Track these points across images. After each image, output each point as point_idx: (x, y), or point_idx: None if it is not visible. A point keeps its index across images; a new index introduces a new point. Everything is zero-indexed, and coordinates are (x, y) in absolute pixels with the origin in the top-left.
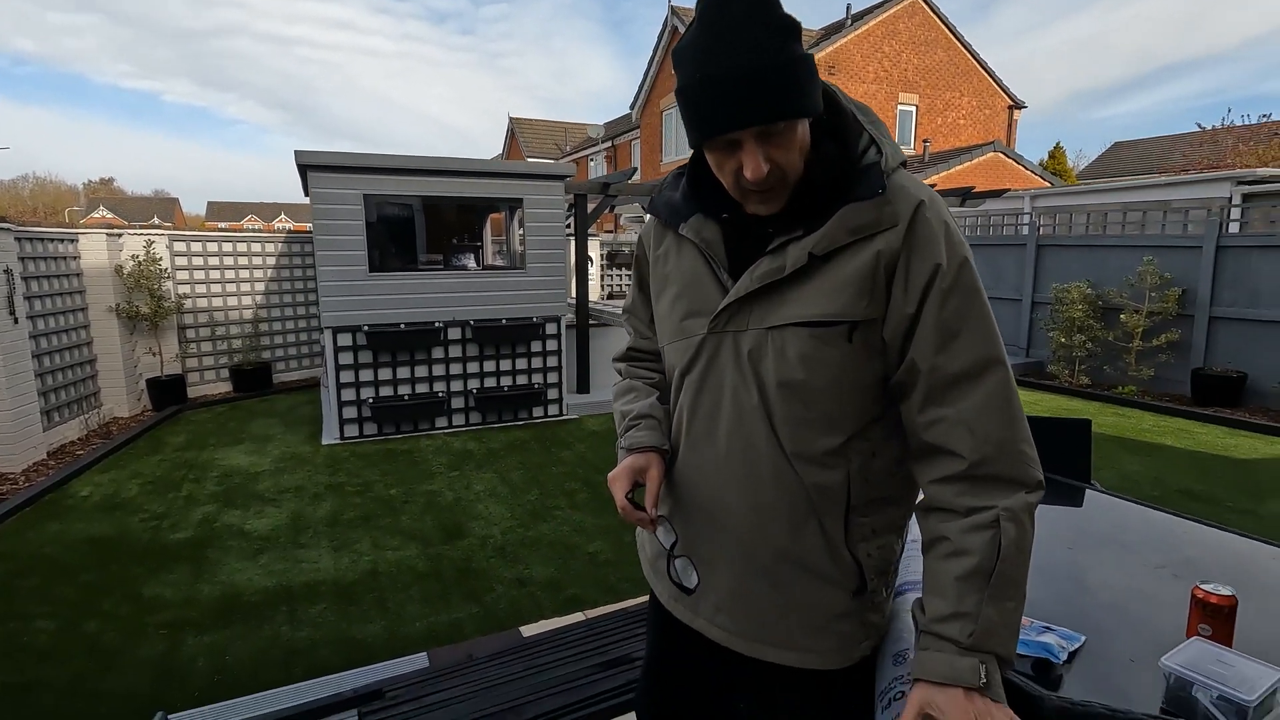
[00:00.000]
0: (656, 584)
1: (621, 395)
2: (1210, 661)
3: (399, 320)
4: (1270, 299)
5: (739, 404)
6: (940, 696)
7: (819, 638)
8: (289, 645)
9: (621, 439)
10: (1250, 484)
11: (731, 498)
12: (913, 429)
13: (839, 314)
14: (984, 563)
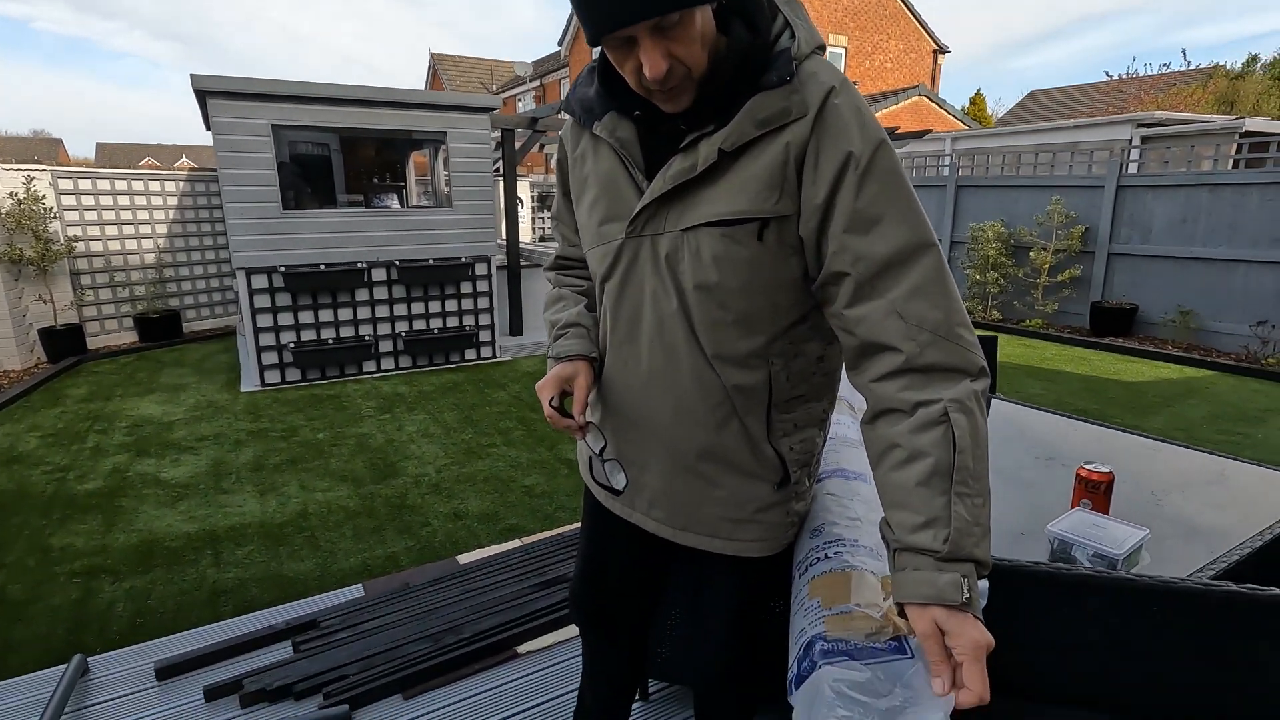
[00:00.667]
0: (593, 485)
1: (551, 305)
2: (1088, 526)
3: (318, 261)
4: (1160, 235)
5: (659, 309)
6: (939, 617)
7: (745, 528)
8: (216, 586)
9: (550, 348)
10: (1137, 403)
11: (655, 401)
12: (845, 329)
13: (748, 211)
14: (941, 461)
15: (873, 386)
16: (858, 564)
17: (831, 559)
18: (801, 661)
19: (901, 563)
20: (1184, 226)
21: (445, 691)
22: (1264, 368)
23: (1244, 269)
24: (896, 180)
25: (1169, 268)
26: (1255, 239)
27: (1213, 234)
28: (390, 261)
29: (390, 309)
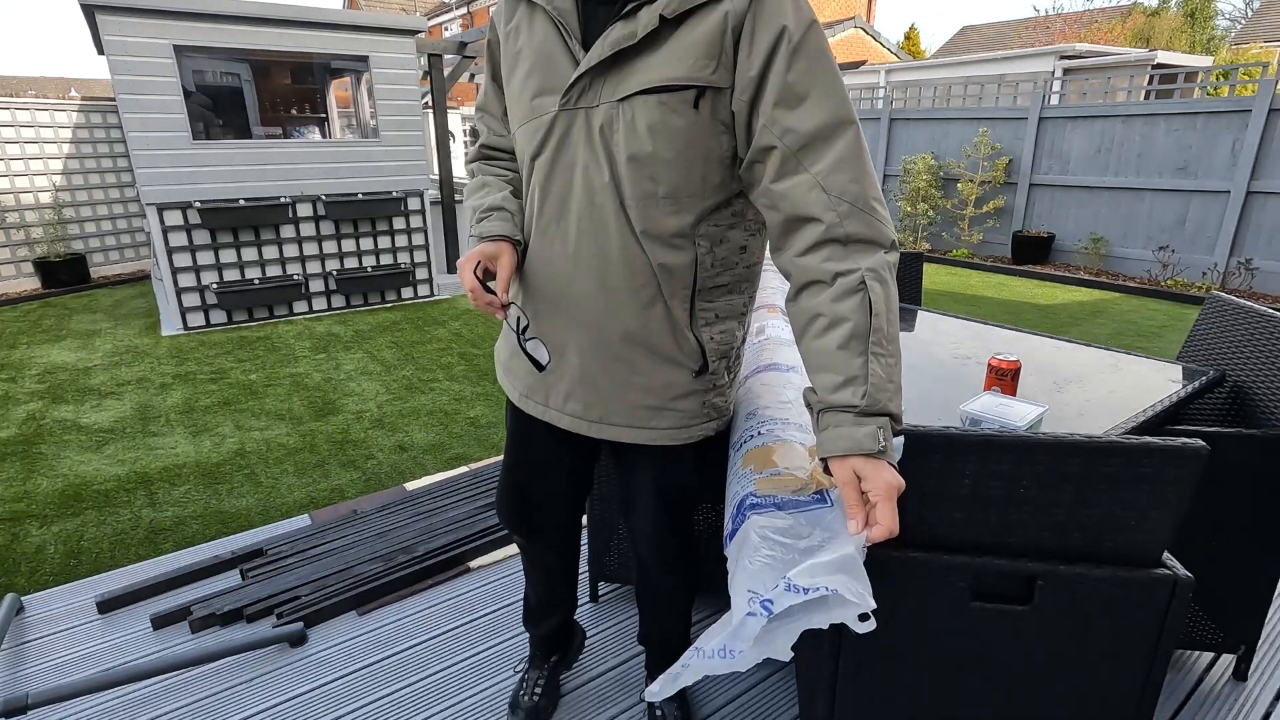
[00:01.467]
0: (508, 381)
1: (474, 192)
2: (996, 406)
3: (236, 196)
4: (1077, 166)
5: (590, 183)
6: (858, 465)
7: (662, 416)
8: (153, 525)
9: (473, 229)
10: (1049, 323)
11: (581, 281)
12: (771, 205)
13: (685, 78)
14: (859, 325)
15: (797, 261)
16: (787, 437)
17: (764, 434)
18: (734, 519)
19: (825, 422)
20: (1098, 157)
21: (399, 606)
22: (1163, 289)
23: (1150, 197)
24: (824, 59)
25: (1084, 197)
26: (1161, 168)
27: (1124, 164)
28: (316, 196)
29: (319, 246)
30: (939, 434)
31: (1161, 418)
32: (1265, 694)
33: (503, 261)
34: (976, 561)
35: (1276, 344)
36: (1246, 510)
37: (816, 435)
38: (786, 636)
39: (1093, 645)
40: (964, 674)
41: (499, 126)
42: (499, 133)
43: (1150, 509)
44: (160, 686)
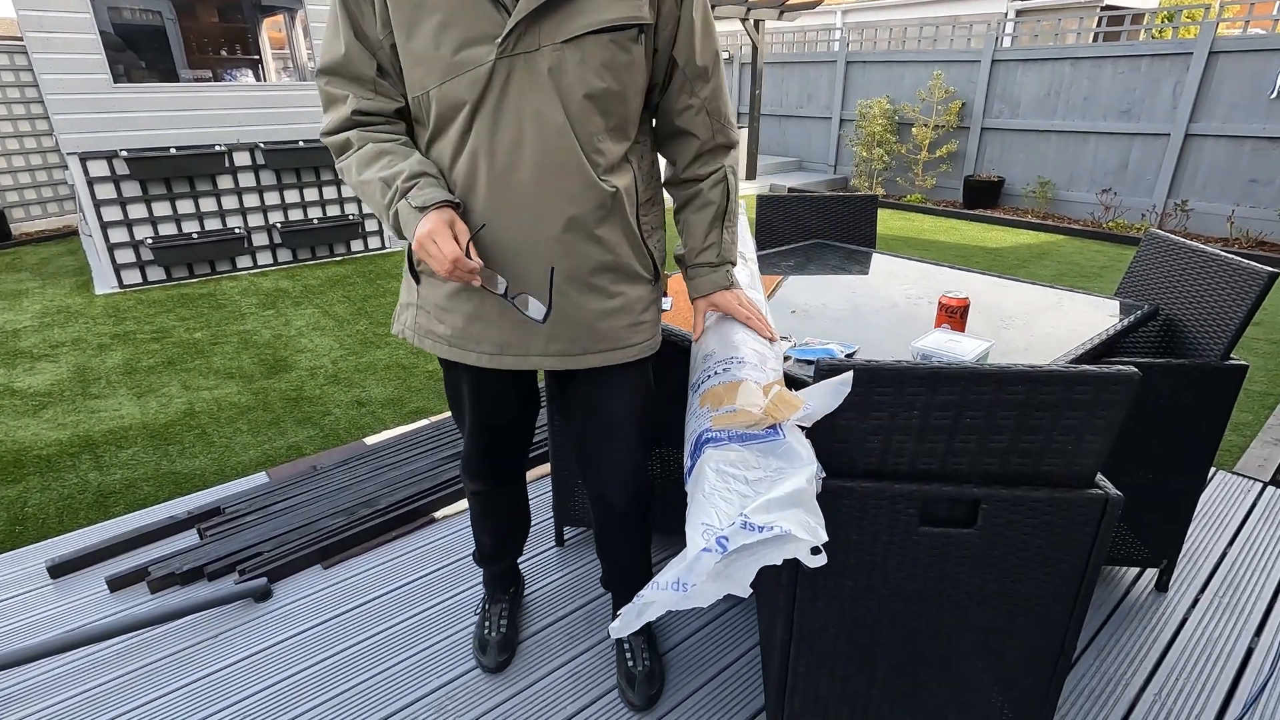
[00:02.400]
0: (470, 347)
1: (370, 161)
2: (945, 342)
3: (167, 144)
4: (1027, 109)
5: (544, 126)
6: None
7: (639, 331)
8: (102, 488)
9: (404, 198)
10: (997, 266)
11: (548, 224)
12: (667, 117)
13: (631, 17)
14: (720, 207)
15: (679, 164)
16: (742, 375)
17: (720, 374)
18: (692, 454)
19: (694, 274)
20: (1047, 100)
21: (365, 558)
22: (1105, 231)
23: (1095, 140)
24: (709, 2)
25: (1033, 141)
26: (1106, 111)
27: (1071, 107)
28: (253, 144)
29: (260, 198)
30: (890, 368)
31: (1099, 350)
32: (1183, 603)
33: (460, 228)
34: (925, 489)
35: (1205, 279)
36: (1172, 434)
37: (689, 283)
38: (745, 573)
39: (1031, 561)
40: (913, 592)
41: (368, 89)
42: (370, 94)
43: (1086, 433)
44: (122, 647)
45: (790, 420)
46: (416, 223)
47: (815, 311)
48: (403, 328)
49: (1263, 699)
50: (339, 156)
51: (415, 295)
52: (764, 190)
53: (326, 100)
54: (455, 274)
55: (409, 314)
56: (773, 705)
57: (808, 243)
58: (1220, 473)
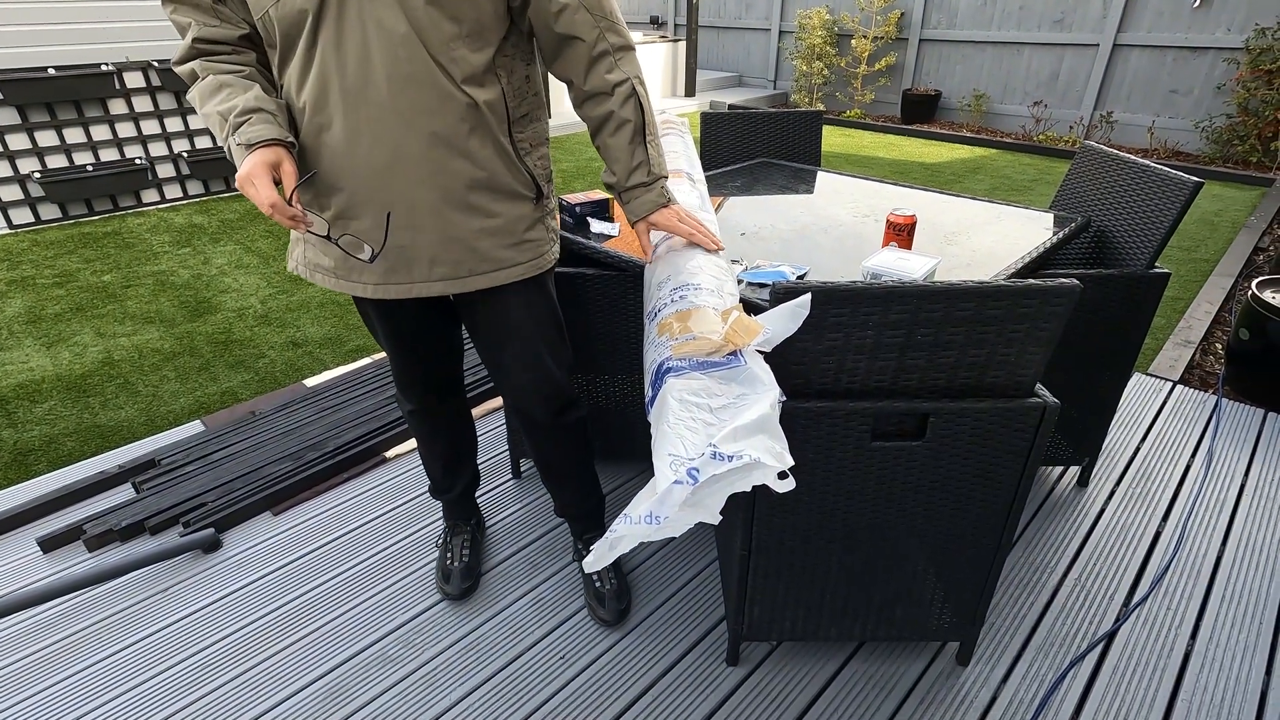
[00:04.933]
0: (354, 280)
1: (210, 95)
2: (895, 260)
3: (44, 64)
4: (964, 19)
5: (389, 38)
6: (654, 218)
7: (522, 250)
8: (19, 446)
9: (232, 136)
10: (934, 181)
11: (412, 143)
12: (544, 24)
13: None
14: (638, 123)
15: (581, 76)
16: (700, 302)
17: (677, 302)
18: (654, 384)
19: (628, 197)
20: (984, 9)
21: (316, 502)
22: (1036, 144)
23: (1029, 51)
24: None
25: (969, 52)
26: (1040, 20)
27: (1006, 16)
28: (147, 63)
29: (161, 124)
30: (846, 288)
31: (1036, 263)
32: (1100, 496)
33: (286, 170)
34: (877, 406)
35: (1135, 189)
36: (1099, 341)
37: (624, 208)
38: (715, 500)
39: (974, 466)
40: (864, 502)
41: (208, 17)
42: (211, 20)
43: (1028, 345)
44: (64, 608)
45: (750, 345)
46: (239, 161)
47: (764, 233)
48: (296, 264)
49: (1167, 576)
50: (188, 87)
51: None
52: (704, 107)
53: (177, 29)
54: (279, 219)
55: (299, 248)
56: (733, 614)
57: (753, 161)
58: (1136, 374)
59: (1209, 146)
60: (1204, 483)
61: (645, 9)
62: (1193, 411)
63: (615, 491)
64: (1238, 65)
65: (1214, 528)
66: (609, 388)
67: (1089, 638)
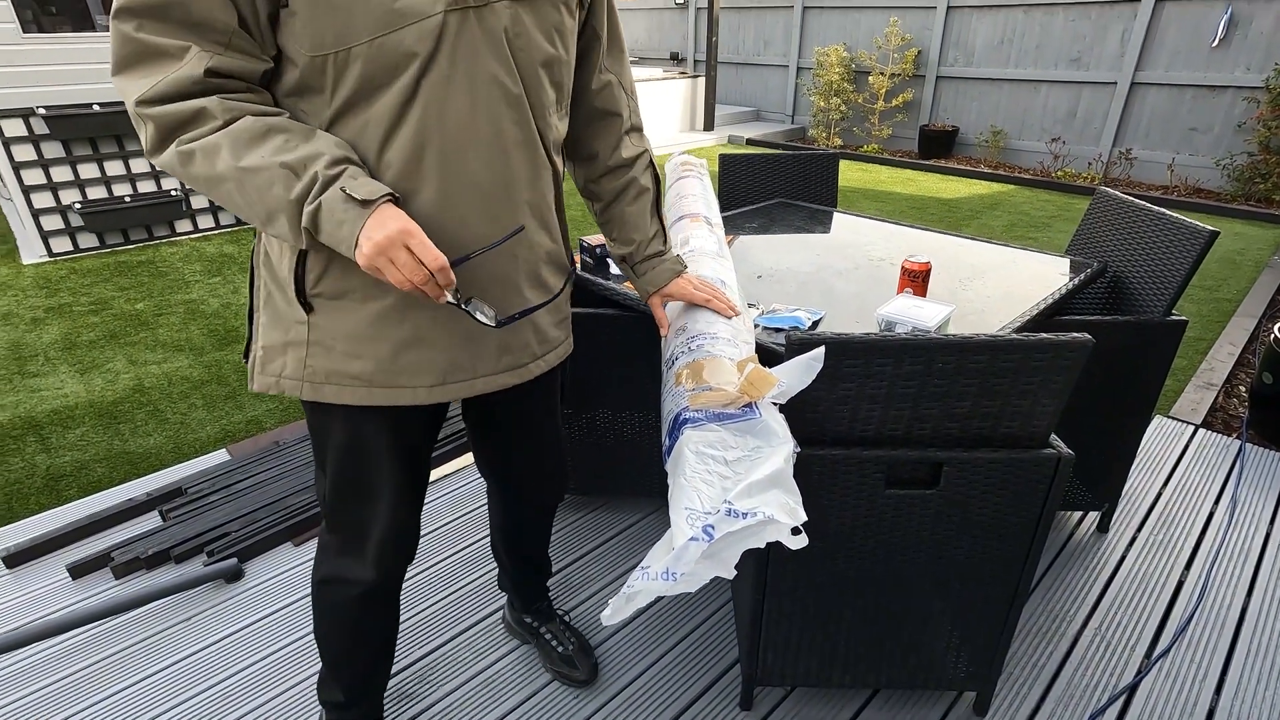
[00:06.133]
0: (404, 382)
1: (258, 140)
2: (909, 308)
3: (89, 100)
4: (981, 57)
5: (505, 97)
6: (671, 288)
7: (565, 327)
8: (51, 472)
9: (332, 189)
10: (951, 217)
11: (503, 211)
12: (587, 96)
13: None
14: (655, 191)
15: (611, 148)
16: (716, 351)
17: (694, 351)
18: (671, 434)
19: (645, 267)
20: (1001, 48)
21: None
22: (1054, 180)
23: (1045, 89)
24: None
25: (986, 89)
26: (1057, 59)
27: (1023, 55)
28: None
29: None
30: (860, 341)
31: (1051, 309)
32: (1121, 542)
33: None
34: (890, 454)
35: (1151, 236)
36: (1117, 387)
37: (640, 279)
38: (730, 554)
39: (989, 516)
40: (878, 548)
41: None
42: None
43: (1041, 396)
44: (89, 635)
45: (765, 398)
46: (362, 221)
47: (781, 275)
48: (277, 378)
49: (1190, 627)
50: (180, 133)
51: (304, 331)
52: (722, 141)
53: (138, 52)
54: (428, 289)
55: (290, 358)
56: (746, 658)
57: (770, 202)
58: (1157, 417)
59: (1231, 184)
60: (1228, 530)
61: (665, 45)
62: (1216, 456)
63: (629, 529)
64: (1258, 104)
65: (1239, 577)
66: (624, 424)
67: (1110, 690)
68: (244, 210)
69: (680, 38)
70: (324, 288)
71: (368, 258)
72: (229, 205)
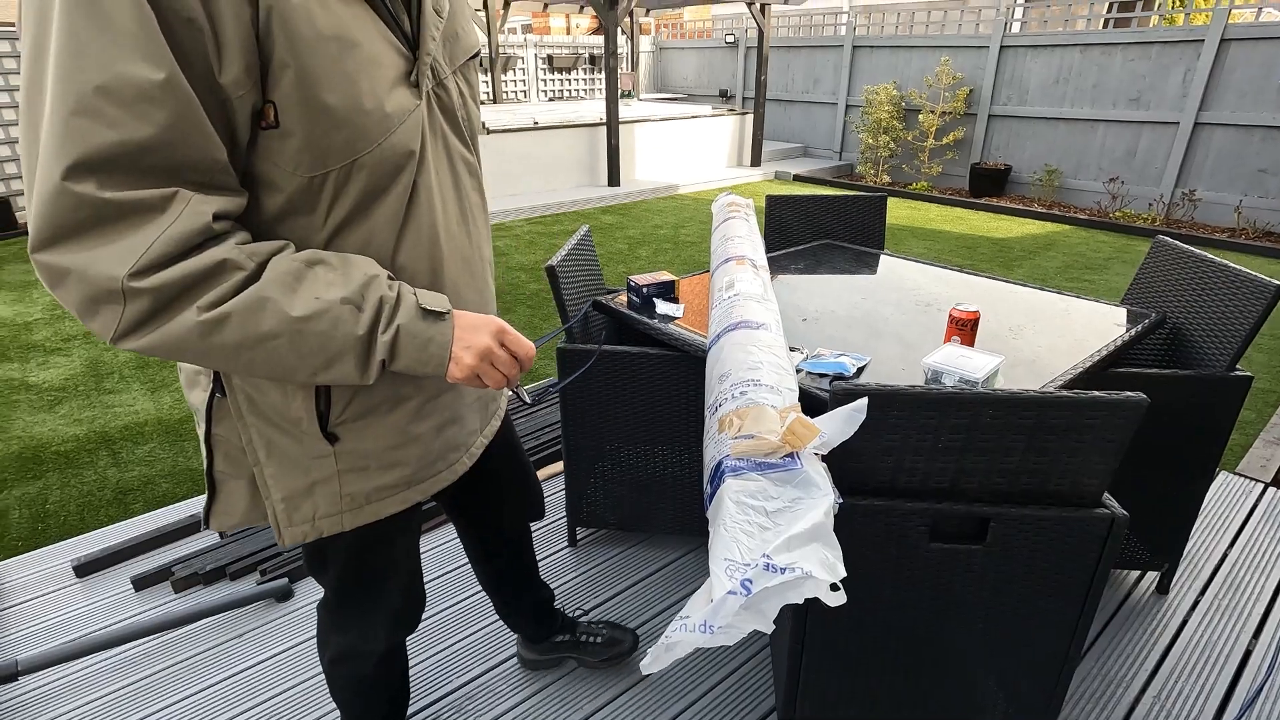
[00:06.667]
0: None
1: (303, 281)
2: (956, 358)
3: None
4: (1035, 96)
5: (466, 167)
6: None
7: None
8: (121, 485)
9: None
10: (1004, 257)
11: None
12: None
13: (480, 39)
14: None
15: None
16: (759, 399)
17: (738, 398)
18: (712, 482)
19: None
20: (1056, 87)
21: None
22: (1112, 221)
23: (1103, 128)
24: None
25: (1040, 128)
26: (1115, 99)
27: (1080, 94)
28: None
29: None
30: (905, 393)
31: (1106, 361)
32: (1183, 605)
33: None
34: (935, 507)
35: (1213, 288)
36: (1177, 442)
37: None
38: (769, 607)
39: (1038, 575)
40: (921, 601)
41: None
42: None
43: (1094, 455)
44: (149, 647)
45: (807, 448)
46: (451, 333)
47: (826, 319)
48: (312, 523)
49: (1259, 701)
50: (194, 297)
51: (331, 463)
52: (769, 176)
53: (104, 215)
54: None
55: (320, 497)
56: (783, 706)
57: (817, 243)
58: (1223, 473)
59: None
60: None
61: (715, 83)
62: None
63: (667, 567)
64: None
65: None
66: (665, 460)
67: None
68: (285, 367)
69: (729, 75)
70: (349, 413)
71: (469, 368)
72: (254, 369)
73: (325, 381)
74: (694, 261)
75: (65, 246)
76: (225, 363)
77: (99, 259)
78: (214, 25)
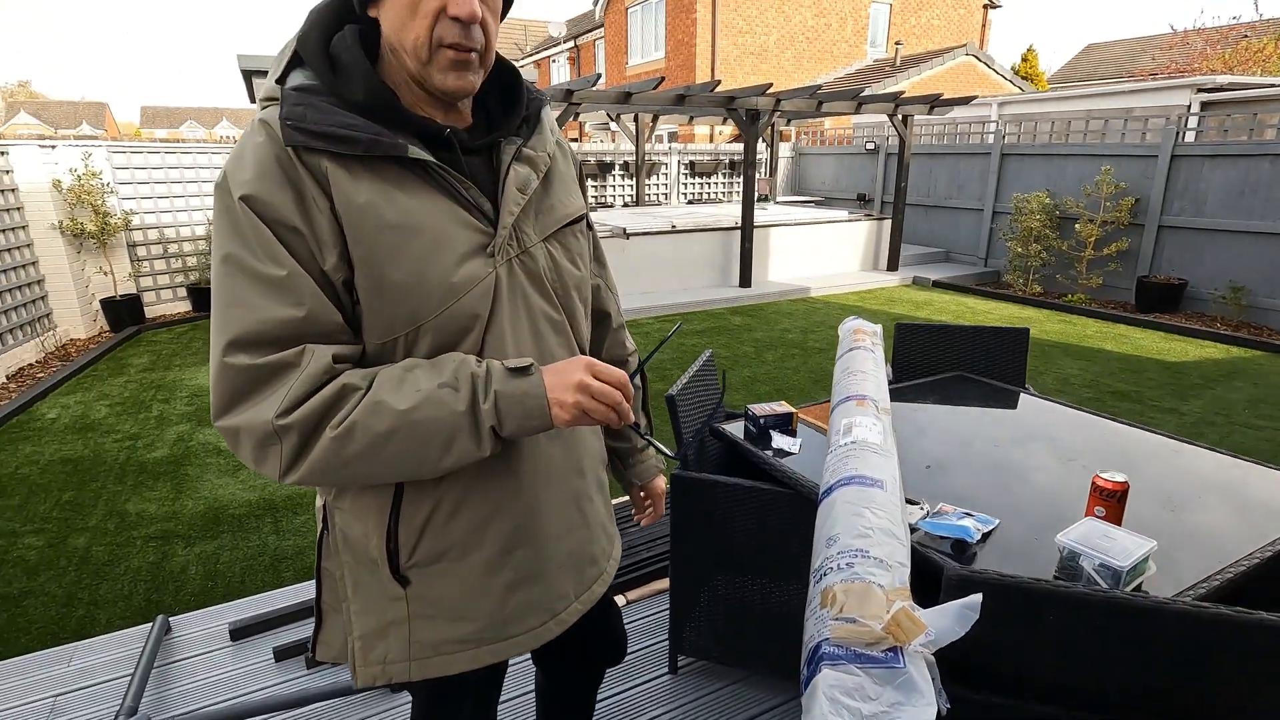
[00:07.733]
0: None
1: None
2: (1098, 536)
3: None
4: (1215, 208)
5: (551, 325)
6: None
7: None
8: (277, 553)
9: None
10: (1177, 385)
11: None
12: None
13: (581, 206)
14: (644, 391)
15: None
16: (865, 575)
17: (844, 570)
18: (809, 664)
19: (633, 463)
20: (1241, 199)
21: None
22: None
23: None
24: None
25: (1223, 241)
26: None
27: (1271, 206)
28: None
29: None
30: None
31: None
32: None
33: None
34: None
35: None
36: None
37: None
38: None
39: None
40: None
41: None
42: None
43: (1266, 686)
44: None
45: (913, 644)
46: (541, 383)
47: (952, 467)
48: (382, 665)
49: None
50: (329, 419)
51: (403, 607)
52: (906, 282)
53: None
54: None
55: (393, 640)
56: None
57: (949, 374)
58: None
59: None
60: None
61: (853, 187)
62: None
63: (773, 711)
64: None
65: None
66: (770, 596)
67: None
68: (414, 459)
69: (868, 180)
70: (419, 556)
71: (572, 407)
72: (393, 469)
73: (455, 464)
74: (820, 370)
75: (235, 410)
76: (368, 470)
77: (256, 413)
78: (311, 229)
